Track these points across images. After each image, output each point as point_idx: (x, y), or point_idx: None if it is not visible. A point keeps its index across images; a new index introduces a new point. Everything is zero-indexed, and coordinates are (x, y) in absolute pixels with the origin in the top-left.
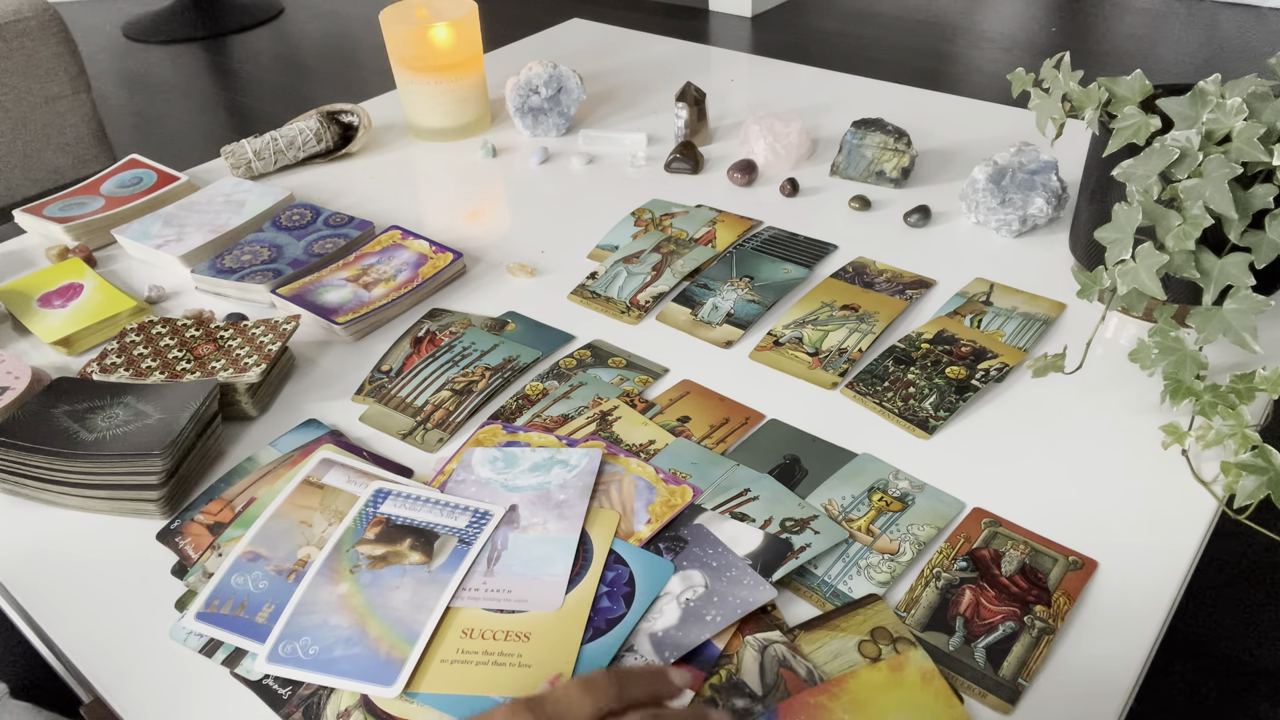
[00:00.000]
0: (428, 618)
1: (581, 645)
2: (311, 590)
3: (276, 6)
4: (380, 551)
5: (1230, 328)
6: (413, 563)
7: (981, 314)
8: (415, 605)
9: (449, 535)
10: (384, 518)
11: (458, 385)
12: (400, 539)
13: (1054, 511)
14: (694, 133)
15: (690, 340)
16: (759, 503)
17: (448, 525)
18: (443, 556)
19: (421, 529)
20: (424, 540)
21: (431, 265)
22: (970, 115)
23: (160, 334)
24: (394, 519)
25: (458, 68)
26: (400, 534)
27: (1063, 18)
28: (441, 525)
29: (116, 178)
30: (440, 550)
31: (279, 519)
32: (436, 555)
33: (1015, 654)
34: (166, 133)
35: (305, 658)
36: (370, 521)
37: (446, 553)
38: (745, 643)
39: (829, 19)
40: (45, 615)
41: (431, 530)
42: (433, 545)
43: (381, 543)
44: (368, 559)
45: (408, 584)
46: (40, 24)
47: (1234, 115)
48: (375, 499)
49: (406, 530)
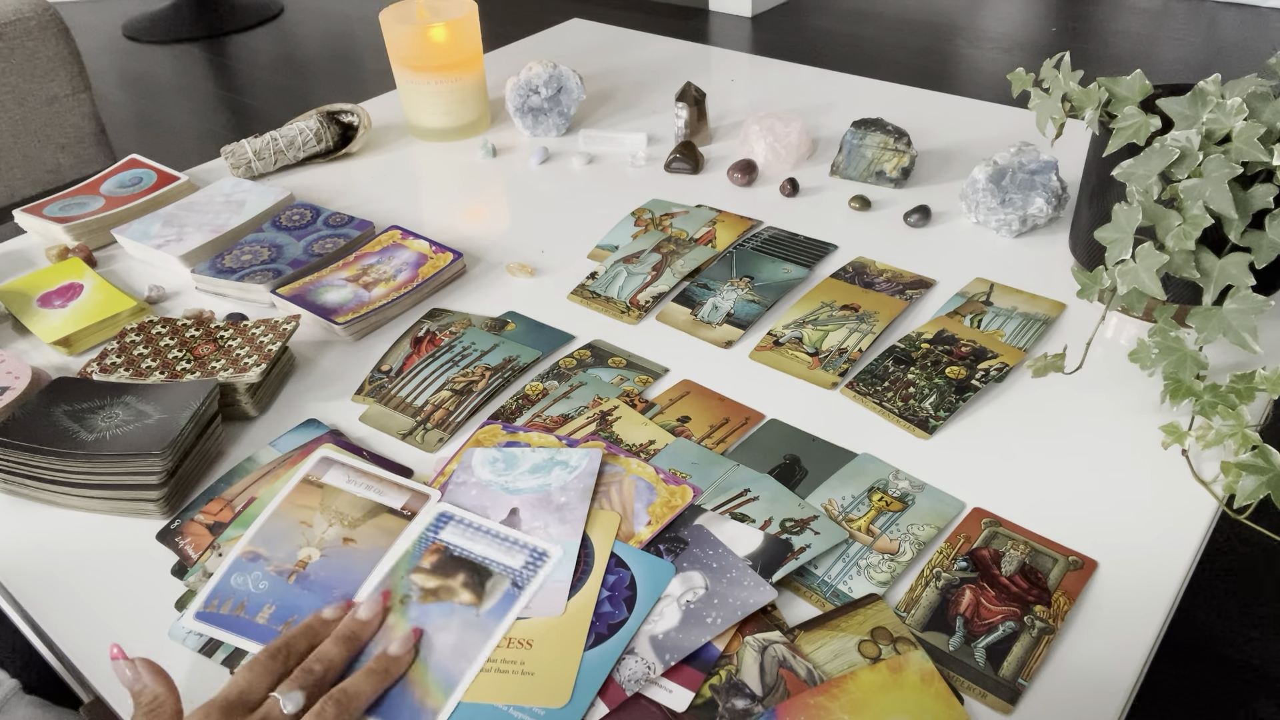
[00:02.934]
0: (468, 668)
1: (584, 652)
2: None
3: (276, 6)
4: (433, 585)
5: (1230, 328)
6: (463, 602)
7: (981, 314)
8: (458, 652)
9: (503, 576)
10: (442, 546)
11: (458, 385)
12: (454, 573)
13: (1054, 511)
14: (694, 133)
15: (690, 340)
16: (759, 503)
17: (503, 564)
18: (493, 599)
19: (477, 564)
20: (477, 578)
21: (431, 265)
22: (970, 115)
23: (160, 334)
24: (451, 549)
25: (458, 68)
26: (455, 567)
27: (1063, 18)
28: (497, 563)
29: (116, 178)
30: (492, 591)
31: (278, 519)
32: (487, 597)
33: (1015, 654)
34: (166, 133)
35: None
36: (429, 548)
37: (498, 595)
38: (745, 643)
39: (829, 19)
40: (45, 615)
41: (486, 568)
42: (485, 585)
43: (436, 574)
44: (420, 591)
45: (454, 626)
46: (40, 24)
47: (1234, 115)
48: (437, 524)
49: (462, 564)
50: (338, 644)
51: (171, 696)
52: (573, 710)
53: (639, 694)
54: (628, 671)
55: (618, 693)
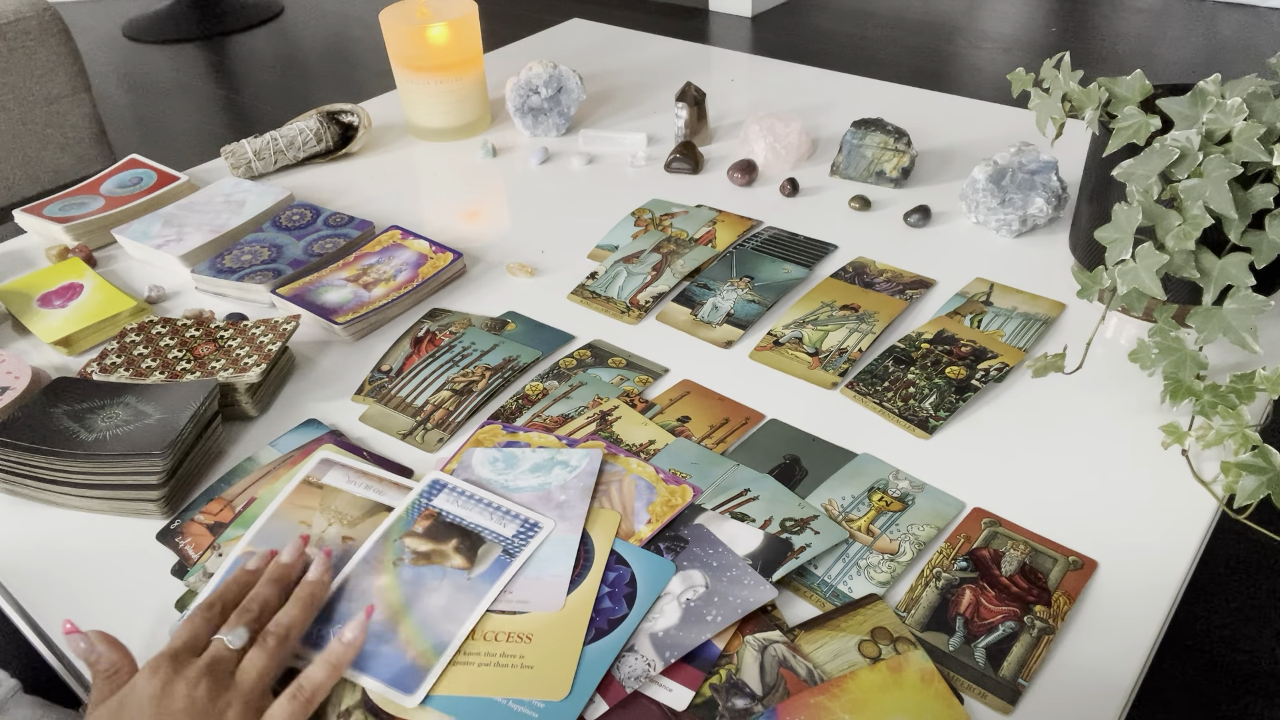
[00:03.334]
0: (458, 629)
1: (584, 646)
2: (354, 577)
3: (276, 6)
4: (425, 548)
5: (1230, 328)
6: (454, 566)
7: (981, 314)
8: (448, 613)
9: (494, 543)
10: (435, 511)
11: (458, 385)
12: (447, 538)
13: (1054, 511)
14: (694, 133)
15: (690, 340)
16: (759, 503)
17: (495, 532)
18: (484, 565)
19: (469, 531)
20: (469, 544)
21: (431, 265)
22: (970, 115)
23: (160, 334)
24: (444, 515)
25: (458, 68)
26: (448, 533)
27: (1063, 18)
28: (489, 531)
29: (116, 178)
30: (483, 558)
31: (278, 519)
32: (479, 562)
33: (1015, 654)
34: (166, 133)
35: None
36: (421, 513)
37: (489, 562)
38: (745, 643)
39: (829, 19)
40: (45, 615)
41: (479, 534)
42: (477, 551)
43: (428, 538)
44: (412, 554)
45: (445, 588)
46: (40, 24)
47: (1234, 115)
48: (430, 490)
49: (454, 530)
50: (268, 585)
51: (127, 660)
52: (572, 704)
53: (639, 692)
54: (628, 668)
55: (618, 690)
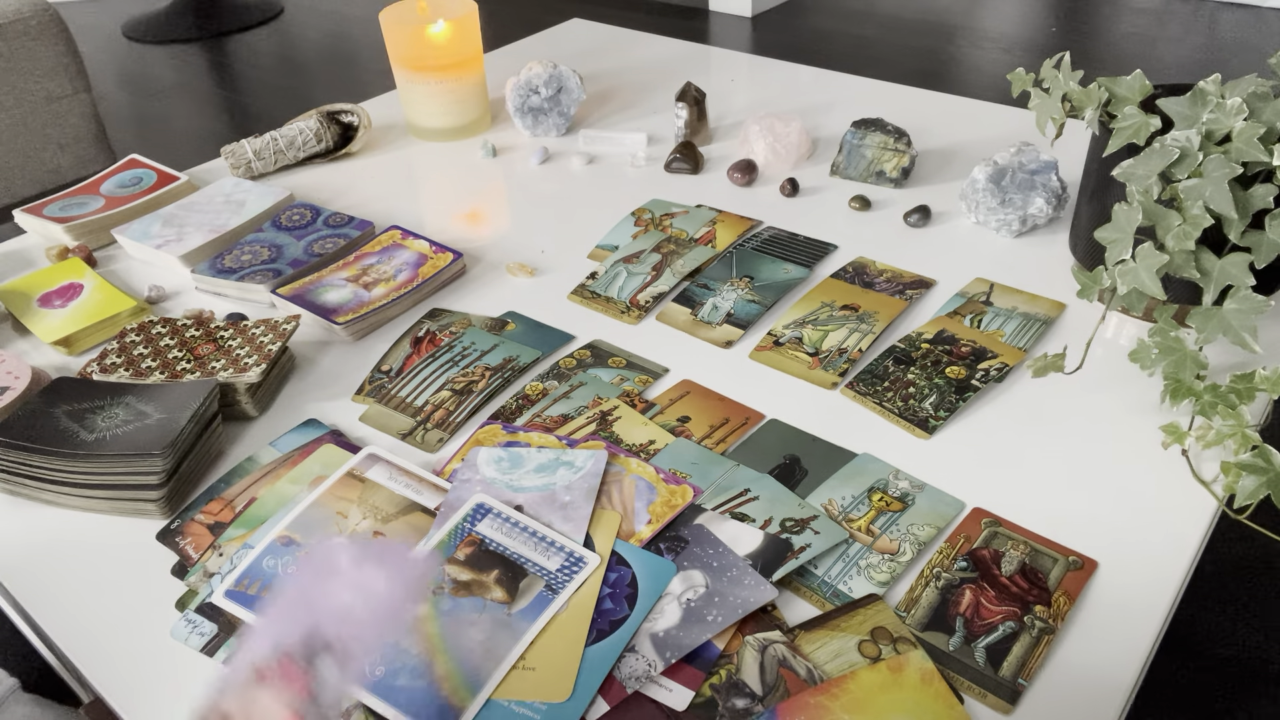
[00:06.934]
0: (495, 669)
1: (585, 648)
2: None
3: (276, 6)
4: (466, 578)
5: (1230, 328)
6: (494, 599)
7: (981, 314)
8: (487, 651)
9: (536, 577)
10: (478, 538)
11: (458, 385)
12: (488, 568)
13: (1054, 511)
14: (694, 133)
15: (690, 340)
16: (759, 503)
17: (538, 565)
18: (525, 600)
19: (512, 561)
20: (511, 576)
21: (431, 265)
22: (970, 115)
23: (160, 334)
24: (487, 542)
25: (458, 68)
26: (490, 562)
27: (1062, 18)
28: (532, 563)
29: (116, 178)
30: (525, 592)
31: (318, 508)
32: (520, 597)
33: (1015, 654)
34: (166, 133)
35: (370, 679)
36: (464, 540)
37: (530, 597)
38: (745, 643)
39: (829, 19)
40: (45, 615)
41: (521, 566)
42: (518, 584)
43: (469, 567)
44: (452, 583)
45: (484, 623)
46: (40, 24)
47: (1234, 115)
48: (474, 515)
49: (497, 559)
50: None
51: None
52: (574, 705)
53: (639, 692)
54: (628, 669)
55: (618, 690)
